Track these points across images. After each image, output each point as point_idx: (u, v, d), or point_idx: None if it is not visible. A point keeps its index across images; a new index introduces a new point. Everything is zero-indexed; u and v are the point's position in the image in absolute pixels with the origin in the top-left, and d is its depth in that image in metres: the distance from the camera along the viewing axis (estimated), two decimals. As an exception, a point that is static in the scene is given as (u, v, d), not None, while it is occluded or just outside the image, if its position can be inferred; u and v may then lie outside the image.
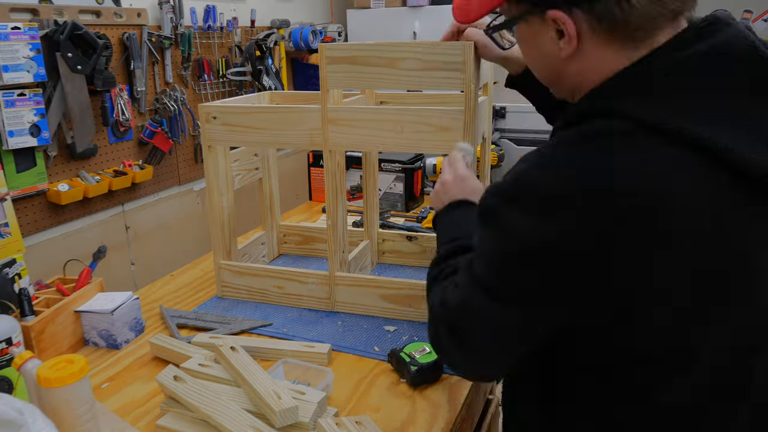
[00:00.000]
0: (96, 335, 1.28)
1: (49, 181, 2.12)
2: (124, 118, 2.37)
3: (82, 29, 2.07)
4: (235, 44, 2.99)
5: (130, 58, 2.39)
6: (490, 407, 1.29)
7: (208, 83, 2.86)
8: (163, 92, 2.60)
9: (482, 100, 1.35)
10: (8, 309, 1.18)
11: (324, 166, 1.34)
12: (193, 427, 0.98)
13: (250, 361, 1.05)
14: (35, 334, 1.17)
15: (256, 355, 1.19)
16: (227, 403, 0.97)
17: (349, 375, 1.15)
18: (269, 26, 3.25)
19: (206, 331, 1.32)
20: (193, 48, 2.71)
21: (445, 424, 1.01)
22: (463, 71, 1.16)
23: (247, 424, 0.93)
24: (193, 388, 1.00)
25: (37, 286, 1.34)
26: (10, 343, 1.09)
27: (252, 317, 1.39)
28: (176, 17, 2.58)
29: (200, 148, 2.85)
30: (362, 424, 0.95)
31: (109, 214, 2.40)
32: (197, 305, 1.47)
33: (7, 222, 1.28)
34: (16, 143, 1.96)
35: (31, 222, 2.10)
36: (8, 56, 1.89)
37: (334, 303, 1.42)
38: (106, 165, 2.37)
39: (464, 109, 1.19)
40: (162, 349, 1.22)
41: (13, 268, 1.26)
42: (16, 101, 1.94)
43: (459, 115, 1.19)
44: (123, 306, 1.28)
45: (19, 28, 1.91)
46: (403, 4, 3.59)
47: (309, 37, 3.23)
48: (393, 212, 2.12)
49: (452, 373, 1.14)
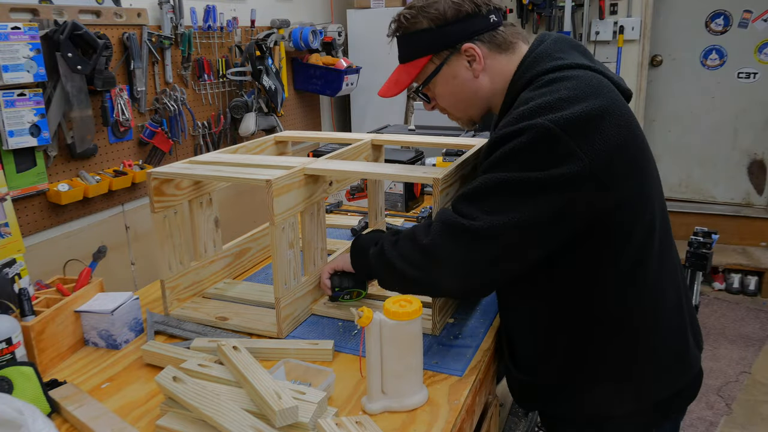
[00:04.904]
0: (96, 335, 1.28)
1: (49, 181, 2.13)
2: (124, 118, 2.38)
3: (82, 29, 2.07)
4: (235, 44, 2.99)
5: (130, 58, 2.39)
6: (490, 407, 1.28)
7: (208, 83, 2.86)
8: (163, 92, 2.60)
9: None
10: (8, 309, 1.18)
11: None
12: (193, 427, 0.98)
13: (251, 361, 1.05)
14: (35, 334, 1.17)
15: (259, 355, 1.19)
16: (227, 403, 0.97)
17: (350, 375, 1.15)
18: (269, 26, 3.25)
19: (183, 340, 1.29)
20: (193, 48, 2.71)
21: (445, 424, 1.01)
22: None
23: (248, 424, 0.93)
24: (192, 389, 1.00)
25: (37, 286, 1.34)
26: (10, 343, 1.09)
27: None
28: (176, 17, 2.58)
29: (200, 149, 2.85)
30: (362, 424, 0.95)
31: (109, 214, 2.40)
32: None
33: (7, 222, 1.28)
34: (16, 143, 1.96)
35: (31, 222, 2.10)
36: (8, 56, 1.89)
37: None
38: (106, 165, 2.37)
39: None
40: (155, 355, 1.21)
41: (13, 268, 1.26)
42: (16, 101, 1.94)
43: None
44: (123, 306, 1.28)
45: (19, 28, 1.91)
46: (403, 4, 3.59)
47: (309, 37, 3.23)
48: (393, 212, 2.12)
49: (452, 373, 1.15)
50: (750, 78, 4.11)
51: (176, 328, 1.33)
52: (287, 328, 1.30)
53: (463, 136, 2.25)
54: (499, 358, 1.33)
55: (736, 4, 4.04)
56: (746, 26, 4.05)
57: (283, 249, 1.25)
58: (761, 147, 4.20)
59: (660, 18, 4.13)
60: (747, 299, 3.84)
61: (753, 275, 3.88)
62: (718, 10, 4.06)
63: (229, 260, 1.59)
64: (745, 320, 3.56)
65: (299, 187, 1.29)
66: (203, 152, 2.83)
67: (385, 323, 1.01)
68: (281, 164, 1.34)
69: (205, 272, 1.50)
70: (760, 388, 2.91)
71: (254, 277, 1.62)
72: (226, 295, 1.46)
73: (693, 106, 4.28)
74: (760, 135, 4.17)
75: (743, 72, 4.12)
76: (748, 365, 3.11)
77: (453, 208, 1.08)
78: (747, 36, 4.06)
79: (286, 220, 1.25)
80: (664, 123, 4.34)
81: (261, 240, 1.72)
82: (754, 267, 3.88)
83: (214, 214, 1.51)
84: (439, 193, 1.20)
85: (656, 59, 4.24)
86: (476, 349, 1.23)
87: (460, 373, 1.15)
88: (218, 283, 1.53)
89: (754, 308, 3.71)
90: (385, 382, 1.03)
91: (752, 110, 4.15)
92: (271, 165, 1.34)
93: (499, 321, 1.34)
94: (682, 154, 4.35)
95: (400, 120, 3.70)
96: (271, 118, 3.08)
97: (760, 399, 2.83)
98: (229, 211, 2.40)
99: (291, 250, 1.28)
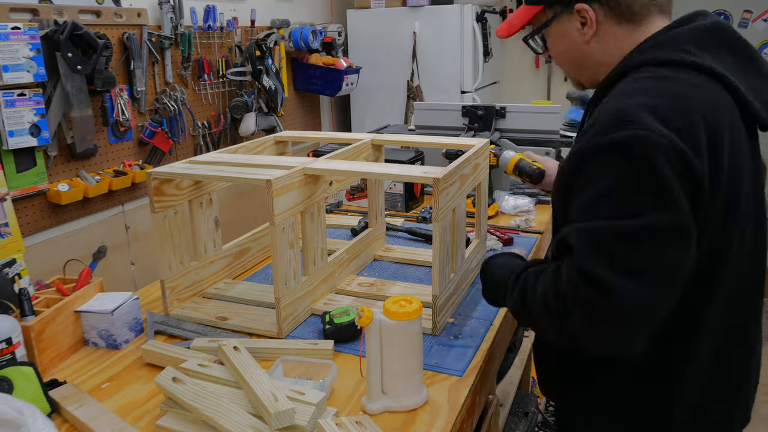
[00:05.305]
0: (96, 335, 1.28)
1: (49, 181, 2.13)
2: (124, 118, 2.37)
3: (82, 29, 2.07)
4: (235, 44, 2.99)
5: (130, 58, 2.39)
6: (490, 407, 1.28)
7: (208, 83, 2.86)
8: (163, 92, 2.60)
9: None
10: (8, 309, 1.18)
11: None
12: (193, 427, 0.98)
13: (251, 362, 1.05)
14: (35, 334, 1.17)
15: (259, 355, 1.19)
16: (227, 404, 0.97)
17: (350, 375, 1.15)
18: (269, 26, 3.25)
19: (183, 340, 1.29)
20: (193, 48, 2.71)
21: (445, 424, 1.01)
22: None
23: (247, 425, 0.93)
24: (192, 390, 1.00)
25: (37, 286, 1.34)
26: (10, 343, 1.09)
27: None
28: (176, 17, 2.58)
29: (200, 149, 2.85)
30: (362, 424, 0.95)
31: (109, 214, 2.40)
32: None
33: (7, 222, 1.28)
34: (16, 143, 1.96)
35: (31, 222, 2.10)
36: (8, 56, 1.89)
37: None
38: (106, 165, 2.37)
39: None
40: (155, 355, 1.21)
41: (13, 268, 1.26)
42: (16, 101, 1.94)
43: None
44: (123, 306, 1.28)
45: (19, 28, 1.91)
46: (403, 4, 3.59)
47: (309, 37, 3.23)
48: (393, 212, 2.12)
49: (452, 373, 1.15)
50: (750, 78, 4.10)
51: (176, 328, 1.33)
52: (287, 328, 1.29)
53: (463, 136, 2.25)
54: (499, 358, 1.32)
55: (736, 4, 4.04)
56: (746, 26, 4.05)
57: (283, 249, 1.25)
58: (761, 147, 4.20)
59: (660, 18, 4.13)
60: (747, 299, 3.83)
61: (753, 275, 3.88)
62: (718, 10, 4.06)
63: (229, 260, 1.59)
64: (745, 320, 3.55)
65: (299, 187, 1.29)
66: (203, 152, 2.83)
67: (385, 323, 1.01)
68: (281, 164, 1.34)
69: (205, 272, 1.50)
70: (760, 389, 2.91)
71: (254, 277, 1.62)
72: (226, 295, 1.46)
73: (693, 106, 4.28)
74: (760, 135, 4.17)
75: (743, 72, 4.11)
76: (748, 365, 3.10)
77: (578, 264, 0.87)
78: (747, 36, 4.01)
79: (286, 220, 1.25)
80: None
81: (261, 240, 1.72)
82: (754, 267, 3.87)
83: (214, 214, 1.51)
84: (439, 193, 1.20)
85: (656, 59, 4.24)
86: (476, 349, 1.23)
87: (460, 373, 1.15)
88: (218, 283, 1.53)
89: (754, 308, 3.70)
90: (385, 382, 1.03)
91: (752, 110, 4.14)
92: (271, 165, 1.34)
93: (501, 321, 1.34)
94: (682, 154, 4.34)
95: (400, 120, 3.70)
96: (271, 118, 3.07)
97: (760, 399, 2.83)
98: (229, 211, 2.40)
99: (291, 250, 1.28)
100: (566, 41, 1.07)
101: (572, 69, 1.12)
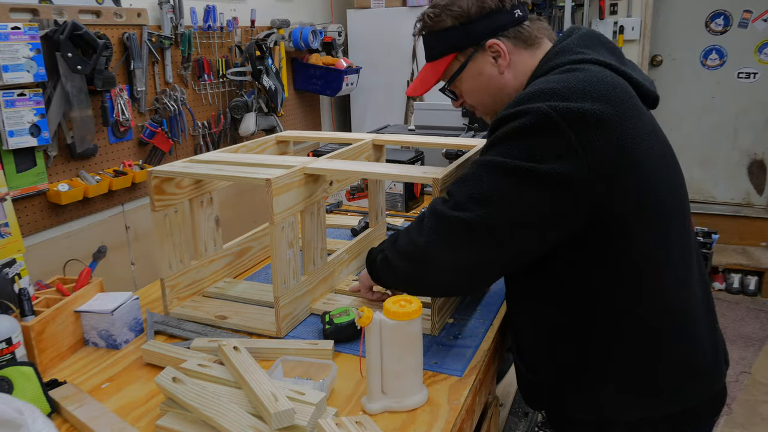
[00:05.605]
0: (96, 335, 1.28)
1: (49, 181, 2.13)
2: (124, 118, 2.38)
3: (82, 29, 2.07)
4: (235, 44, 2.99)
5: (130, 58, 2.39)
6: (490, 407, 1.28)
7: (208, 83, 2.86)
8: (163, 92, 2.60)
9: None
10: (8, 309, 1.18)
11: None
12: (192, 427, 0.98)
13: (251, 362, 1.05)
14: (35, 334, 1.17)
15: (259, 355, 1.19)
16: (227, 404, 0.97)
17: (350, 375, 1.15)
18: (269, 26, 3.25)
19: (183, 339, 1.29)
20: (193, 48, 2.71)
21: (445, 424, 1.01)
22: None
23: (247, 425, 0.93)
24: (192, 390, 1.00)
25: (37, 286, 1.34)
26: (10, 343, 1.09)
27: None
28: (176, 17, 2.58)
29: (200, 149, 2.85)
30: (362, 424, 0.95)
31: (109, 214, 2.40)
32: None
33: (7, 222, 1.28)
34: (16, 143, 1.96)
35: (31, 222, 2.10)
36: (8, 56, 1.89)
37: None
38: (106, 165, 2.37)
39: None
40: (155, 355, 1.21)
41: (13, 268, 1.26)
42: (16, 101, 1.94)
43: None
44: (123, 306, 1.28)
45: (19, 28, 1.91)
46: (403, 4, 3.59)
47: (309, 37, 3.23)
48: (393, 212, 2.12)
49: (452, 373, 1.15)
50: (750, 78, 4.11)
51: (176, 328, 1.33)
52: (286, 327, 1.29)
53: (462, 136, 2.25)
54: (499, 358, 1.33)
55: (736, 4, 4.04)
56: (746, 26, 4.05)
57: (282, 248, 1.25)
58: (761, 147, 4.20)
59: (660, 18, 4.13)
60: (747, 299, 3.84)
61: (753, 275, 3.89)
62: (718, 10, 4.06)
63: (230, 259, 1.58)
64: (745, 320, 3.56)
65: (299, 186, 1.29)
66: (203, 152, 2.83)
67: (385, 323, 1.01)
68: (281, 163, 1.34)
69: (206, 271, 1.49)
70: (760, 388, 2.91)
71: (255, 276, 1.62)
72: (226, 294, 1.46)
73: (693, 106, 4.28)
74: (760, 135, 4.17)
75: (743, 72, 4.12)
76: (748, 365, 3.11)
77: (448, 193, 1.07)
78: (747, 36, 4.06)
79: (286, 219, 1.25)
80: (664, 123, 4.31)
81: (261, 239, 1.72)
82: (754, 267, 3.88)
83: (214, 213, 1.51)
84: (439, 193, 1.20)
85: (656, 59, 4.24)
86: (476, 349, 1.23)
87: (460, 373, 1.15)
88: (218, 282, 1.53)
89: (754, 308, 3.71)
90: (385, 382, 1.03)
91: (752, 110, 4.15)
92: (271, 164, 1.34)
93: (501, 321, 1.34)
94: (682, 154, 4.33)
95: (400, 120, 3.70)
96: (271, 118, 3.08)
97: (760, 399, 2.83)
98: (229, 210, 2.40)
99: (290, 250, 1.28)
100: (483, 77, 1.18)
101: (490, 101, 1.21)
